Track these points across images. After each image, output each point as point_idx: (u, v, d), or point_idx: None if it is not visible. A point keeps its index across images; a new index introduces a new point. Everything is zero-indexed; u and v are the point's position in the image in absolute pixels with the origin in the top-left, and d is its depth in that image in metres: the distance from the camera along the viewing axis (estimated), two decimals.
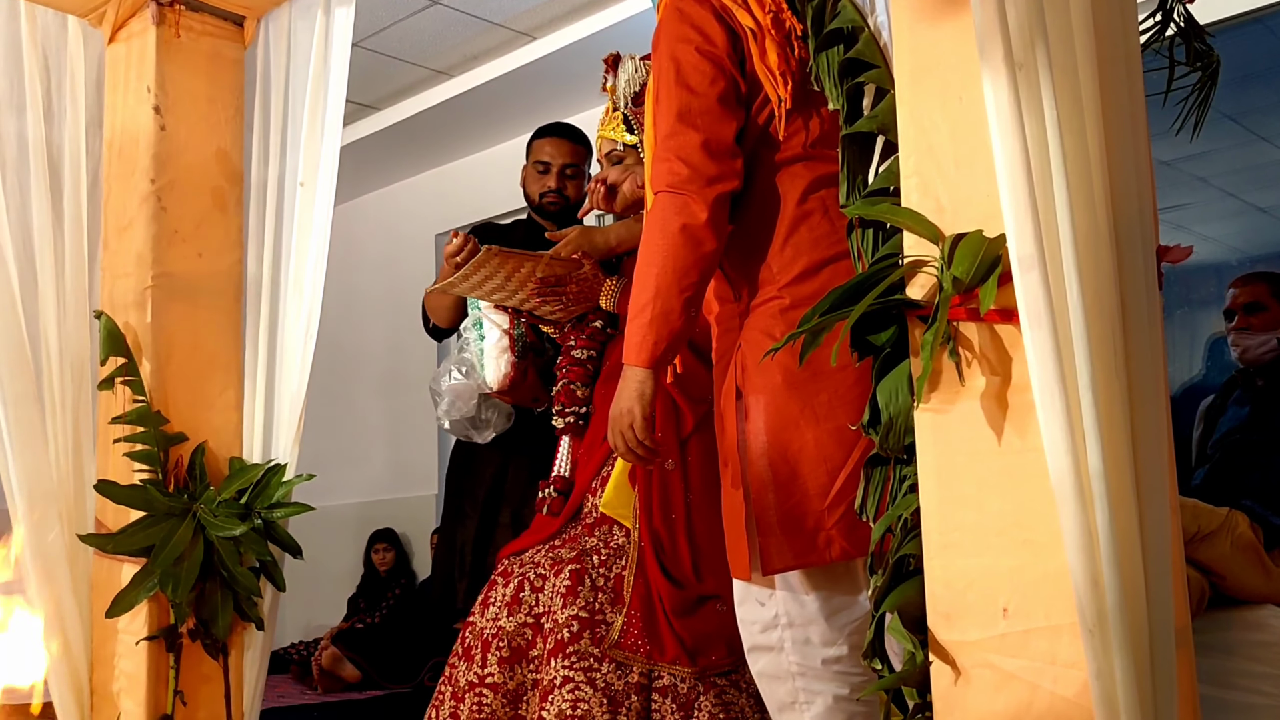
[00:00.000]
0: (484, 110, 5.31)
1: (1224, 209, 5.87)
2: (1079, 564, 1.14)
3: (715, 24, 1.70)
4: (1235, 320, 2.98)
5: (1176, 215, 5.84)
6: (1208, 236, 6.08)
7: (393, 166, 6.06)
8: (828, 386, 1.63)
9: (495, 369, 2.69)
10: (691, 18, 1.71)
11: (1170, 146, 5.37)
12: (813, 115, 1.73)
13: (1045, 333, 1.16)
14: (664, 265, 1.68)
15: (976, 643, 1.25)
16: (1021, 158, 1.17)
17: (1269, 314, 2.93)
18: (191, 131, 2.52)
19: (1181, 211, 5.80)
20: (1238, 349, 2.98)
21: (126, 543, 2.26)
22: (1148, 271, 1.24)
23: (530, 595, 2.16)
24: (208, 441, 2.41)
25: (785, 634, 1.69)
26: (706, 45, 1.69)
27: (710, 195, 1.67)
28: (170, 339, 2.41)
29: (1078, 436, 1.15)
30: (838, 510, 1.62)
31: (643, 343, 1.70)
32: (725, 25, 1.71)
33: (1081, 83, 1.20)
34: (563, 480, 2.35)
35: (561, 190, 2.98)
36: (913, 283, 1.34)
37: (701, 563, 2.10)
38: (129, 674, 2.29)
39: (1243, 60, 4.58)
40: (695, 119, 1.68)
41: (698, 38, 1.70)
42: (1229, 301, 3.04)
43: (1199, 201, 5.76)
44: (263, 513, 2.36)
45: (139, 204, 2.44)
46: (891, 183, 1.41)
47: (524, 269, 2.36)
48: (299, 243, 2.48)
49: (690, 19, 1.71)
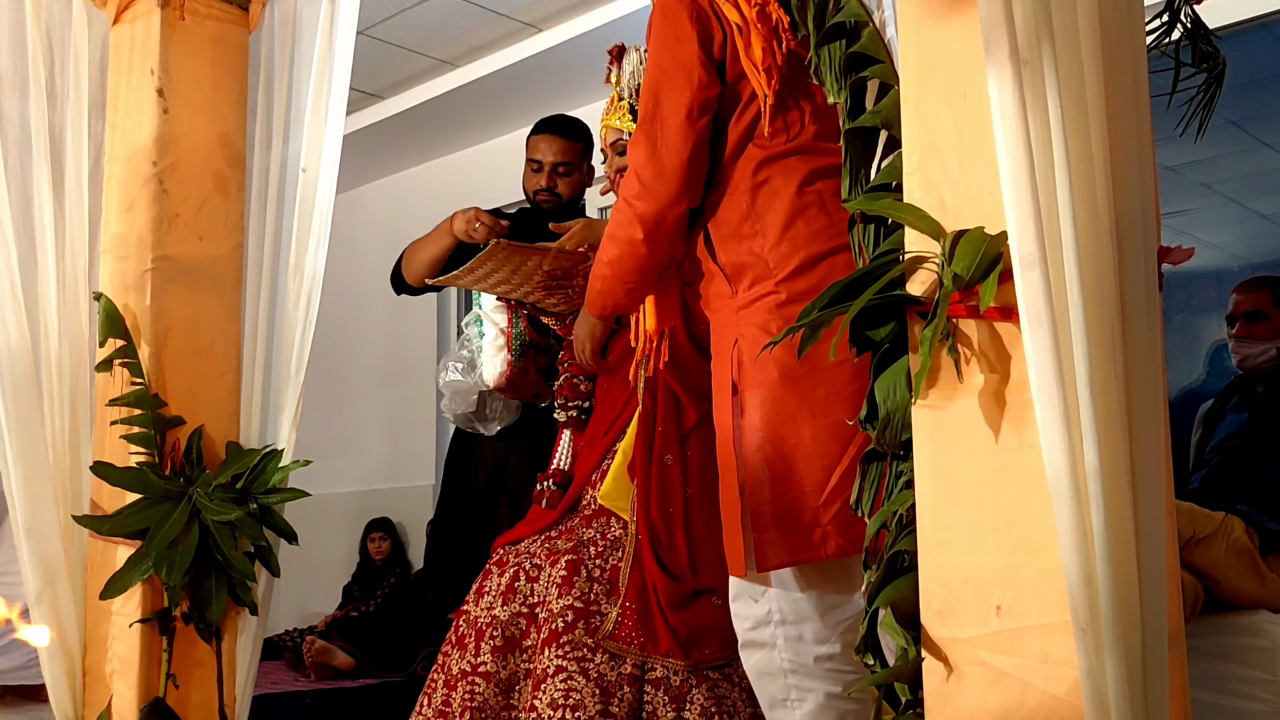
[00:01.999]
0: (488, 101, 5.30)
1: (1227, 215, 5.87)
2: (1073, 562, 1.13)
3: (690, 26, 1.72)
4: (1236, 327, 2.97)
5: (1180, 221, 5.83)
6: (1210, 243, 6.07)
7: (396, 156, 6.05)
8: (824, 382, 1.63)
9: (492, 367, 2.70)
10: (671, 21, 1.74)
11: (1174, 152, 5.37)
12: (801, 108, 1.73)
13: (1045, 331, 1.16)
14: (612, 263, 1.87)
15: (969, 640, 1.25)
16: (1025, 155, 1.17)
17: (1270, 322, 2.91)
18: (195, 115, 2.52)
19: (1185, 217, 5.79)
20: (1238, 356, 2.96)
21: (122, 525, 2.25)
22: (1148, 272, 1.24)
23: (525, 585, 2.16)
24: (205, 425, 2.41)
25: (778, 631, 1.69)
26: (681, 50, 1.72)
27: (650, 215, 1.78)
28: (169, 322, 2.41)
29: (1075, 435, 1.14)
30: (833, 507, 1.62)
31: (594, 297, 1.98)
32: (703, 25, 1.72)
33: (1087, 81, 1.20)
34: (562, 473, 2.35)
35: (553, 188, 2.98)
36: (913, 279, 1.34)
37: (698, 557, 2.10)
38: (122, 656, 2.29)
39: (1248, 66, 4.58)
40: (655, 133, 1.75)
41: (673, 43, 1.72)
42: (1231, 307, 3.02)
43: (1202, 207, 5.75)
44: (259, 498, 2.35)
45: (140, 186, 2.44)
46: (894, 178, 1.41)
47: (530, 263, 2.36)
48: (300, 228, 2.48)
49: (670, 22, 1.74)
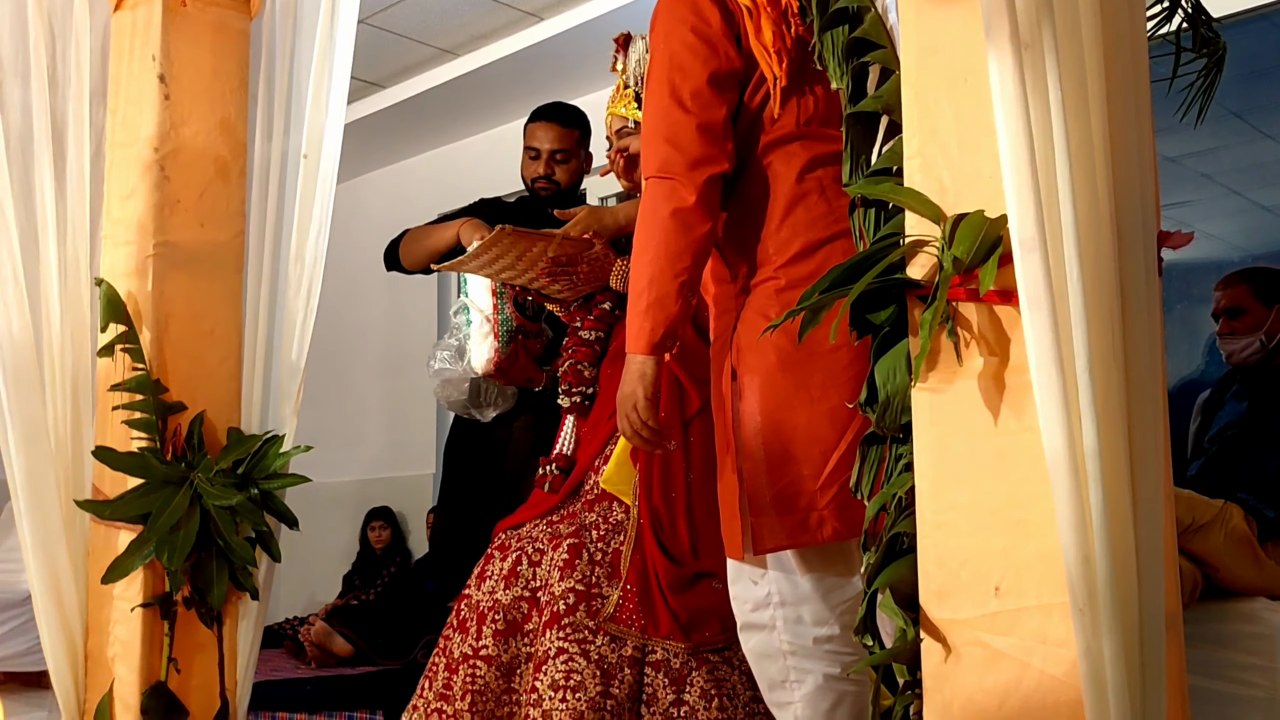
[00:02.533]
0: (490, 90, 5.30)
1: (1228, 207, 5.86)
2: (1071, 543, 1.14)
3: (709, 2, 1.70)
4: (1220, 324, 2.99)
5: (1180, 212, 5.83)
6: (1211, 234, 6.07)
7: (397, 145, 6.05)
8: (822, 367, 1.64)
9: (480, 354, 2.71)
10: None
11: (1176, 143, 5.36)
12: (808, 93, 1.73)
13: (1044, 315, 1.17)
14: (657, 252, 1.70)
15: (968, 621, 1.26)
16: (1025, 139, 1.17)
17: (1250, 316, 2.93)
18: (196, 101, 2.52)
19: (1185, 209, 5.79)
20: (1225, 352, 2.99)
21: (123, 509, 2.26)
22: (1148, 256, 1.25)
23: (527, 569, 2.17)
24: (206, 411, 2.41)
25: (777, 613, 1.70)
26: (701, 25, 1.70)
27: (699, 178, 1.68)
28: (170, 308, 2.41)
29: (1074, 418, 1.15)
30: (830, 491, 1.63)
31: (640, 330, 1.73)
32: (720, 3, 1.71)
33: (1087, 65, 1.20)
34: (565, 458, 2.36)
35: (551, 175, 2.98)
36: (913, 262, 1.34)
37: (699, 541, 2.11)
38: (124, 640, 2.30)
39: (1250, 56, 4.57)
40: (686, 101, 1.69)
41: (692, 17, 1.70)
42: (1214, 305, 3.04)
43: (1203, 199, 5.75)
44: (260, 483, 2.36)
45: (141, 172, 2.44)
46: (894, 163, 1.41)
47: (535, 249, 2.36)
48: (301, 215, 2.48)
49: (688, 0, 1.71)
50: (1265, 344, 2.87)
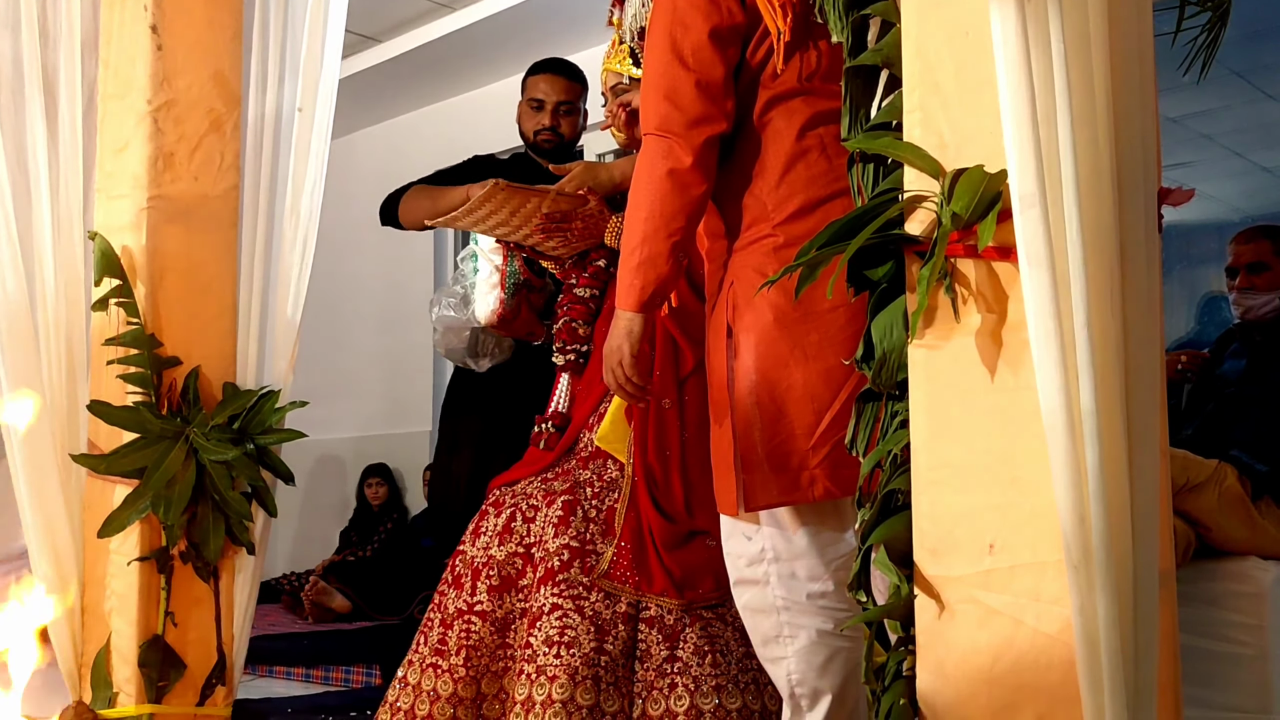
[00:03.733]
0: (488, 45, 5.25)
1: (1229, 168, 5.84)
2: (1067, 501, 1.14)
3: None
4: (1238, 278, 2.95)
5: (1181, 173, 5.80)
6: (1211, 195, 6.05)
7: (394, 100, 6.00)
8: (818, 327, 1.63)
9: (484, 304, 2.69)
10: None
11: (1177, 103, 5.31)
12: (811, 48, 1.71)
13: (1043, 271, 1.16)
14: (651, 210, 1.68)
15: (962, 578, 1.26)
16: (1027, 93, 1.16)
17: (1272, 273, 2.89)
18: (189, 53, 2.49)
19: (1186, 170, 5.77)
20: (1240, 308, 2.95)
21: (119, 464, 2.26)
22: (1148, 213, 1.24)
23: (522, 525, 2.17)
24: (201, 366, 2.41)
25: (771, 568, 1.70)
26: None
27: (697, 139, 1.67)
28: (165, 262, 2.40)
29: (1071, 375, 1.15)
30: (823, 450, 1.63)
31: (630, 287, 1.74)
32: None
33: (1090, 18, 1.19)
34: (560, 416, 2.35)
35: (556, 128, 2.95)
36: (912, 218, 1.33)
37: (693, 498, 2.11)
38: (120, 594, 2.30)
39: (1253, 16, 4.53)
40: (686, 57, 1.67)
41: None
42: (1231, 259, 2.99)
43: (1204, 160, 5.72)
44: (256, 438, 2.36)
45: (135, 125, 2.42)
46: (894, 117, 1.39)
47: (529, 204, 2.34)
48: (296, 169, 2.46)
49: None
50: None
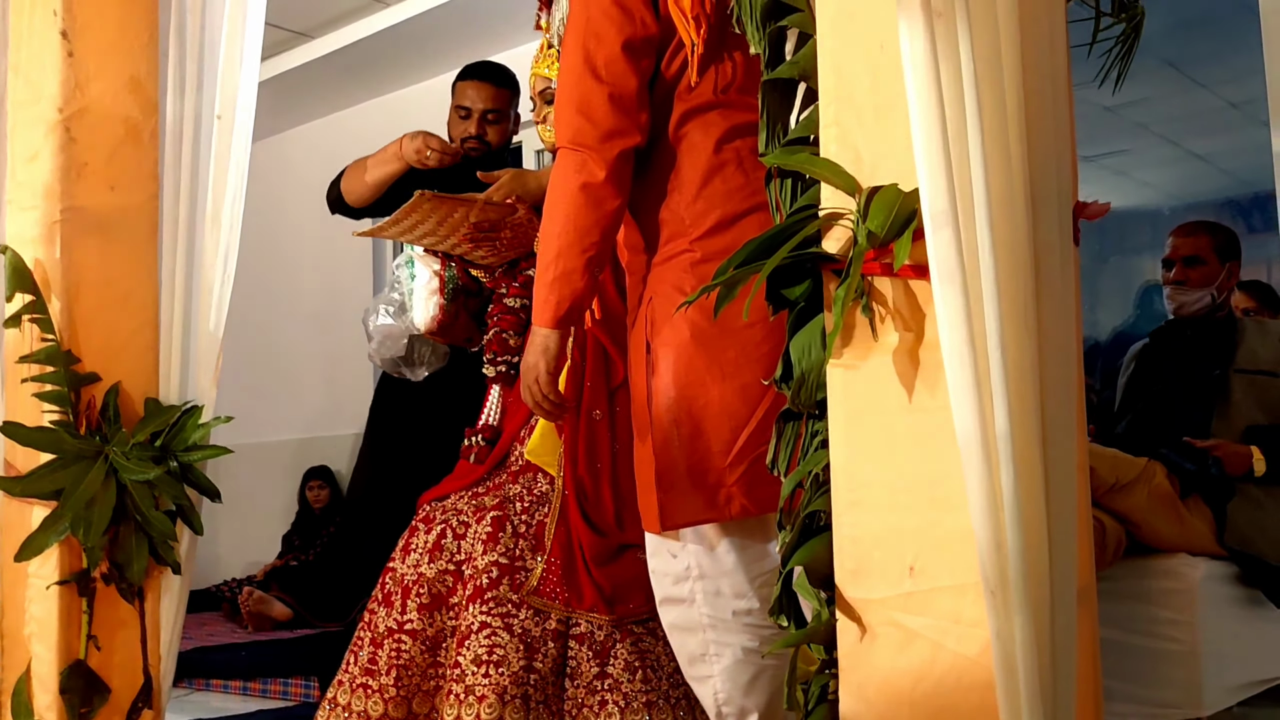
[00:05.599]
0: (422, 41, 5.18)
1: (1163, 155, 5.92)
2: (983, 526, 1.13)
3: None
4: (1174, 271, 2.95)
5: (1118, 161, 5.87)
6: (1147, 182, 6.13)
7: (328, 97, 5.91)
8: (735, 343, 1.62)
9: (423, 311, 2.65)
10: None
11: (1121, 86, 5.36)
12: (726, 60, 1.69)
13: (956, 291, 1.15)
14: (565, 225, 1.67)
15: (882, 600, 1.25)
16: (937, 112, 1.14)
17: (1207, 268, 2.90)
18: (102, 59, 2.41)
19: (1123, 157, 5.84)
20: (1173, 302, 2.95)
21: (35, 486, 2.19)
22: (1063, 230, 1.23)
23: (452, 542, 2.14)
24: (122, 382, 2.34)
25: (696, 585, 1.69)
26: None
27: (611, 152, 1.65)
28: (81, 276, 2.32)
29: (985, 397, 1.14)
30: (739, 467, 1.62)
31: (545, 302, 1.72)
32: None
33: (1002, 35, 1.17)
34: (491, 429, 2.32)
35: (482, 136, 2.92)
36: (829, 236, 1.32)
37: (624, 512, 2.09)
38: (40, 619, 2.23)
39: (1183, 7, 4.58)
40: (599, 69, 1.64)
41: None
42: (1168, 251, 3.00)
43: (1139, 147, 5.79)
44: (179, 455, 2.30)
45: (45, 134, 2.34)
46: (811, 131, 1.38)
47: (457, 214, 2.30)
48: (216, 178, 2.39)
49: None
50: (1214, 300, 2.87)
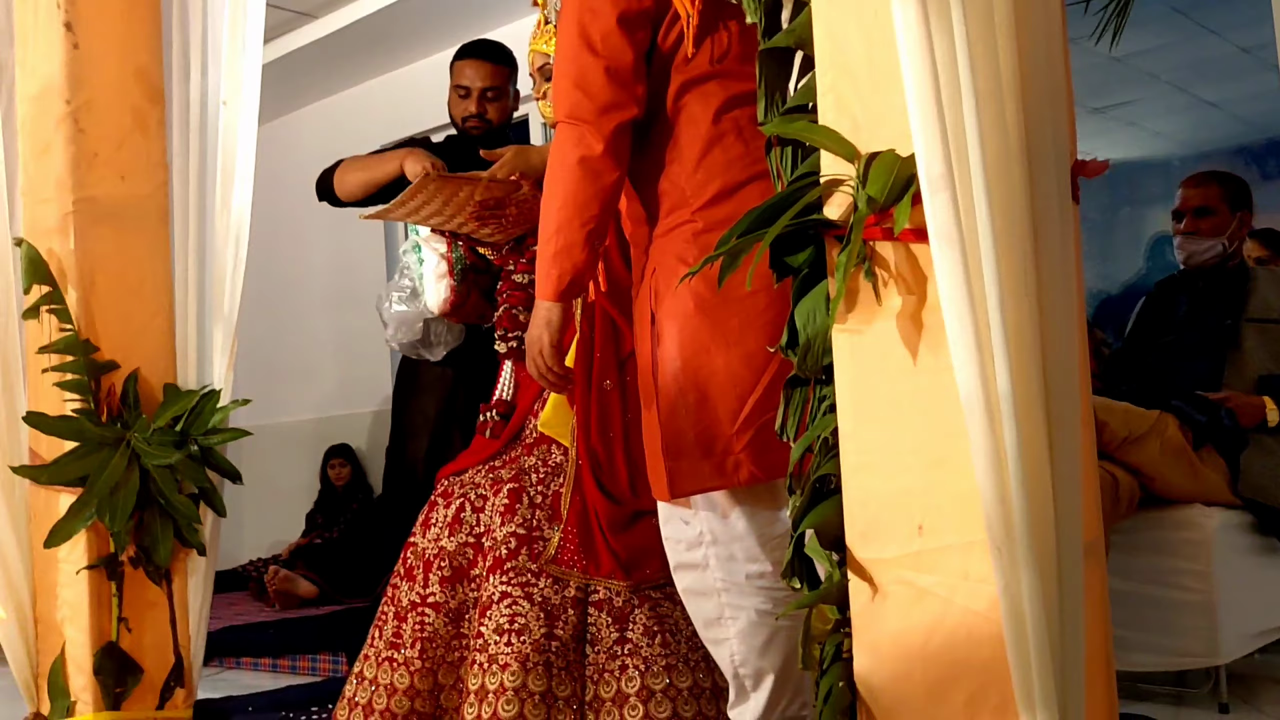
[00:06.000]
0: (423, 17, 5.17)
1: (1173, 103, 5.86)
2: (987, 483, 1.15)
3: None
4: (1184, 222, 2.93)
5: (1127, 111, 5.82)
6: (1158, 132, 6.08)
7: (334, 75, 5.91)
8: (739, 311, 1.63)
9: (435, 294, 2.68)
10: None
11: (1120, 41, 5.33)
12: (722, 30, 1.69)
13: (955, 253, 1.16)
14: (564, 199, 1.68)
15: (892, 560, 1.27)
16: (930, 77, 1.15)
17: (1218, 218, 2.88)
18: (107, 49, 2.43)
19: (1132, 107, 5.79)
20: (1183, 252, 2.93)
21: (60, 473, 2.24)
22: (1061, 190, 1.24)
23: (471, 515, 2.17)
24: (140, 369, 2.38)
25: (709, 551, 1.71)
26: None
27: (608, 125, 1.66)
28: (95, 265, 2.36)
29: (986, 357, 1.15)
30: (746, 434, 1.63)
31: (547, 276, 1.73)
32: None
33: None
34: (504, 404, 2.35)
35: (483, 114, 2.93)
36: (830, 202, 1.33)
37: (638, 479, 2.11)
38: (71, 603, 2.29)
39: None
40: (595, 43, 1.65)
41: None
42: (1178, 202, 2.98)
43: (1148, 96, 5.74)
44: (199, 439, 2.34)
45: (55, 126, 2.37)
46: (809, 99, 1.38)
47: (462, 193, 2.32)
48: (224, 164, 2.42)
49: None
50: (1225, 249, 2.85)
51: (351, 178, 2.90)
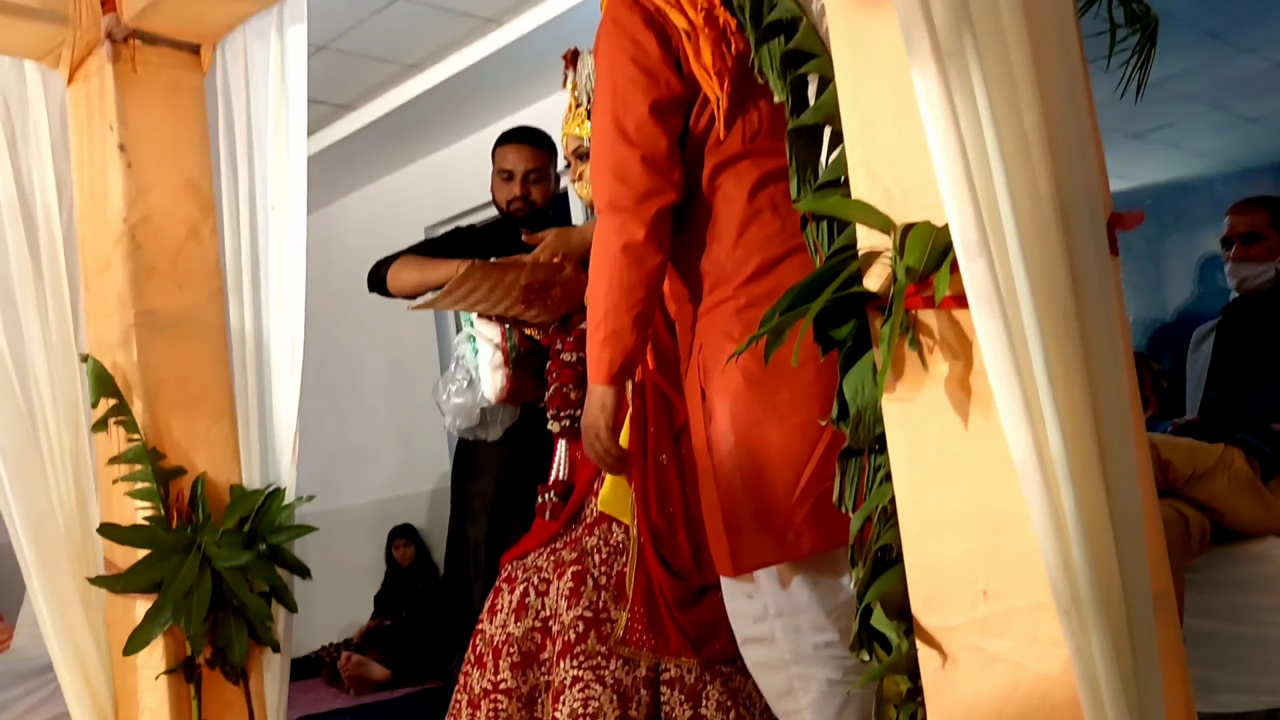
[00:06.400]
0: (459, 100, 5.29)
1: (1214, 122, 5.82)
2: (1049, 546, 1.14)
3: (647, 30, 1.69)
4: (1233, 249, 2.91)
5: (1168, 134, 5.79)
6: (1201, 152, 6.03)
7: (376, 163, 6.06)
8: (788, 384, 1.64)
9: (492, 384, 2.73)
10: (625, 26, 1.70)
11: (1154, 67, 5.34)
12: (752, 110, 1.72)
13: (996, 318, 1.16)
14: (610, 285, 1.71)
15: (959, 626, 1.27)
16: (957, 147, 1.17)
17: (1267, 243, 2.85)
18: (159, 165, 2.52)
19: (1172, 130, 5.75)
20: (1235, 278, 2.91)
21: (135, 581, 2.28)
22: (1098, 245, 1.24)
23: (536, 600, 2.18)
24: (206, 472, 2.43)
25: (776, 624, 1.71)
26: (640, 54, 1.68)
27: (648, 212, 1.69)
28: (159, 375, 2.42)
29: (1036, 419, 1.15)
30: (805, 505, 1.64)
31: (599, 361, 1.76)
32: (658, 28, 1.70)
33: (1014, 64, 1.20)
34: (561, 484, 2.37)
35: (527, 196, 2.99)
36: (869, 274, 1.34)
37: (701, 554, 2.11)
38: (152, 709, 2.32)
39: None
40: (630, 133, 1.68)
41: (631, 47, 1.68)
42: (1226, 229, 2.96)
43: (1188, 118, 5.71)
44: (267, 538, 2.38)
45: (114, 243, 2.45)
46: (841, 173, 1.41)
47: (508, 278, 2.36)
48: (276, 266, 2.49)
49: (624, 28, 1.70)
50: (1278, 273, 2.83)
51: (406, 276, 2.97)
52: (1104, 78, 1.57)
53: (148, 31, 2.51)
